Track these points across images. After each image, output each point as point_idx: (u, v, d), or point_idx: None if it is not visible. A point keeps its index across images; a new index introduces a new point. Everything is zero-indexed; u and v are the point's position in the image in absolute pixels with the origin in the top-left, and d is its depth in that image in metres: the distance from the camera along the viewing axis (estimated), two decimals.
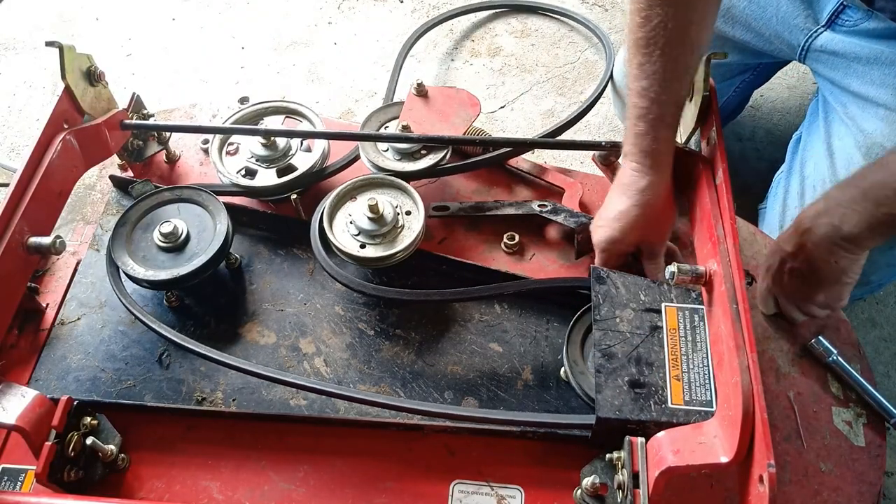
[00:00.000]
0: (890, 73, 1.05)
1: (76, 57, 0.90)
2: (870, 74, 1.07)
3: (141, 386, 0.87)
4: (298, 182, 0.98)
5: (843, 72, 1.13)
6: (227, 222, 0.92)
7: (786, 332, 0.90)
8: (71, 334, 0.91)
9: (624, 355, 0.79)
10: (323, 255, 0.90)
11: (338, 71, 1.80)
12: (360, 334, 0.92)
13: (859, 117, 1.09)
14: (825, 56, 1.15)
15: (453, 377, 0.88)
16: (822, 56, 1.15)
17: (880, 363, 1.37)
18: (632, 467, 0.71)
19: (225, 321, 0.93)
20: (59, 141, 0.86)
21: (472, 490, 0.80)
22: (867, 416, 0.85)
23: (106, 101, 0.97)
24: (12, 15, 1.99)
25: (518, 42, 1.84)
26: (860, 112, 1.10)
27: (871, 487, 0.81)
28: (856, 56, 1.10)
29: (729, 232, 0.76)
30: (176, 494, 0.80)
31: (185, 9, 1.99)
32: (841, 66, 1.13)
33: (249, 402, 0.85)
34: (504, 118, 1.71)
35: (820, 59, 1.16)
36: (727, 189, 0.80)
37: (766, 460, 0.60)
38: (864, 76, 1.09)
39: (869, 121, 1.08)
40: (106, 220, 1.01)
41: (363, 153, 1.00)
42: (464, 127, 1.02)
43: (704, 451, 0.66)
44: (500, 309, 0.94)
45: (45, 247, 0.80)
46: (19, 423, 0.72)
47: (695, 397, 0.75)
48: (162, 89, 1.80)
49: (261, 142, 1.00)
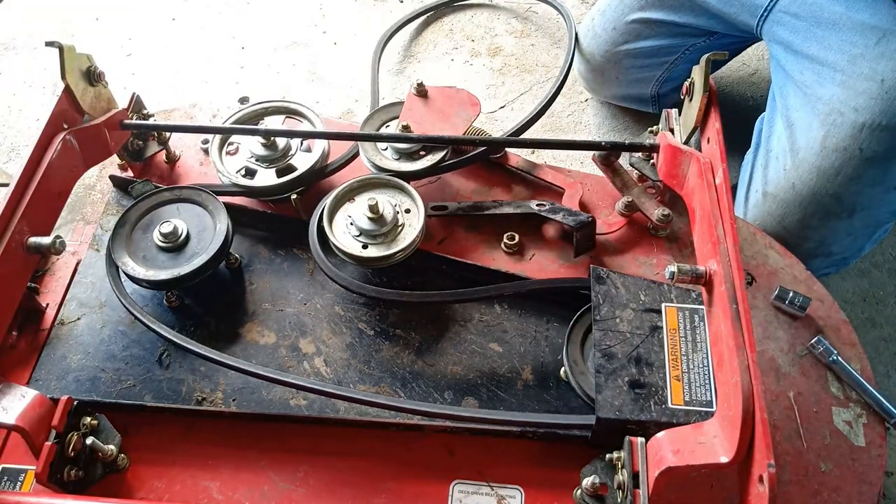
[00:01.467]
0: (846, 38, 1.07)
1: (76, 57, 0.90)
2: (828, 39, 1.09)
3: (141, 386, 0.87)
4: (299, 182, 0.98)
5: (802, 35, 1.14)
6: (227, 222, 0.92)
7: (786, 332, 0.90)
8: (71, 334, 0.91)
9: (624, 355, 0.79)
10: (322, 256, 0.90)
11: (338, 71, 1.80)
12: (360, 334, 0.92)
13: (816, 84, 1.11)
14: (787, 18, 1.17)
15: (453, 377, 0.88)
16: (783, 18, 1.17)
17: (880, 363, 1.37)
18: (632, 467, 0.71)
19: (225, 321, 0.93)
20: (59, 141, 0.86)
21: (472, 490, 0.80)
22: (867, 416, 0.85)
23: (106, 101, 0.97)
24: (12, 15, 1.99)
25: (518, 42, 1.84)
26: (816, 78, 1.11)
27: (871, 487, 0.81)
28: (816, 20, 1.12)
29: (729, 232, 0.76)
30: (176, 494, 0.80)
31: (185, 9, 1.99)
32: (801, 30, 1.15)
33: (249, 402, 0.85)
34: (504, 118, 1.71)
35: (781, 20, 1.18)
36: (727, 189, 0.80)
37: (767, 460, 0.60)
38: (822, 41, 1.10)
39: (826, 86, 1.09)
40: (106, 220, 1.01)
41: (363, 153, 1.00)
42: (464, 127, 1.02)
43: (704, 452, 0.66)
44: (500, 309, 0.94)
45: (45, 247, 0.80)
46: (19, 423, 0.72)
47: (695, 397, 0.75)
48: (162, 89, 1.80)
49: (261, 142, 1.00)
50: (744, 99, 1.74)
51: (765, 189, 1.20)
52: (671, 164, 0.90)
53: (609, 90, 1.60)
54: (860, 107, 1.05)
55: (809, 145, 1.11)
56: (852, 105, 1.06)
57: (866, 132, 1.05)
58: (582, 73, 1.62)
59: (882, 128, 1.04)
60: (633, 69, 1.49)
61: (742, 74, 1.66)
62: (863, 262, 1.48)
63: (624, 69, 1.50)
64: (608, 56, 1.49)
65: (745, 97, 1.74)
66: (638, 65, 1.48)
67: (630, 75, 1.51)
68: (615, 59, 1.49)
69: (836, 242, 1.18)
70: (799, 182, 1.13)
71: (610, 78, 1.54)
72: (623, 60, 1.48)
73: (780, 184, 1.17)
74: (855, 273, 1.47)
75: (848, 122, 1.06)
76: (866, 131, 1.05)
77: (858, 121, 1.05)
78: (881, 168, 1.07)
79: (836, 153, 1.08)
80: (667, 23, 1.39)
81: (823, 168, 1.10)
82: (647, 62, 1.46)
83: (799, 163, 1.13)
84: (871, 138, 1.05)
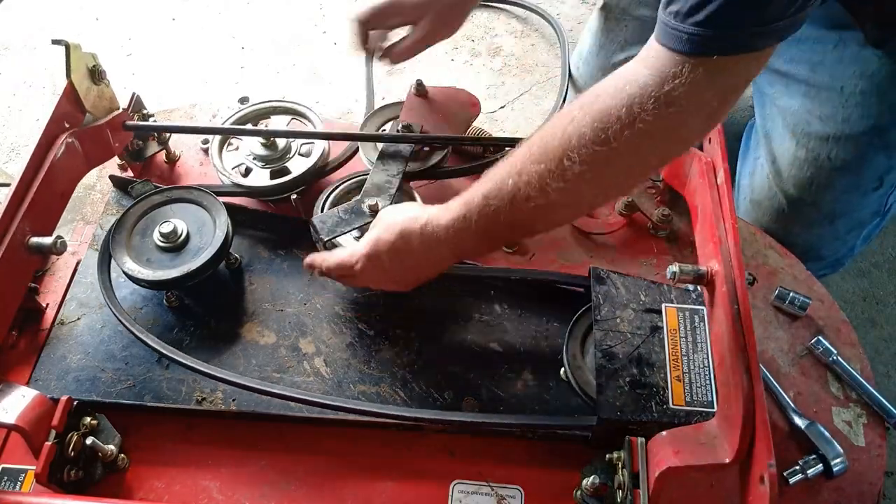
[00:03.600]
0: (805, 48, 1.06)
1: (81, 55, 0.90)
2: (789, 52, 1.08)
3: (141, 386, 0.87)
4: (297, 183, 0.98)
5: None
6: (227, 222, 0.92)
7: (786, 332, 0.90)
8: (71, 334, 0.91)
9: (625, 356, 0.79)
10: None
11: (338, 71, 1.80)
12: (360, 334, 0.92)
13: (784, 95, 1.11)
14: None
15: (453, 377, 0.88)
16: None
17: (880, 363, 1.37)
18: (632, 467, 0.71)
19: (225, 321, 0.93)
20: (62, 142, 0.86)
21: (472, 490, 0.80)
22: (867, 416, 0.85)
23: (108, 101, 0.97)
24: (12, 15, 1.99)
25: (518, 42, 1.84)
26: (784, 90, 1.11)
27: (871, 487, 0.81)
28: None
29: (730, 232, 0.76)
30: (176, 494, 0.80)
31: (185, 9, 1.99)
32: None
33: (249, 402, 0.85)
34: (504, 118, 1.71)
35: None
36: (728, 189, 0.80)
37: (768, 460, 0.60)
38: (784, 54, 1.10)
39: (793, 97, 1.09)
40: (106, 220, 1.01)
41: (363, 153, 1.00)
42: (464, 127, 1.02)
43: (705, 452, 0.66)
44: (500, 309, 0.94)
45: (46, 247, 0.80)
46: (19, 423, 0.72)
47: (696, 398, 0.75)
48: (162, 89, 1.80)
49: (261, 142, 1.00)
50: (743, 99, 1.74)
51: (751, 196, 1.20)
52: (673, 164, 0.90)
53: None
54: (825, 116, 1.04)
55: (784, 156, 1.12)
56: (817, 115, 1.05)
57: (832, 142, 1.04)
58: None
59: (846, 137, 1.03)
60: None
61: None
62: (863, 263, 1.48)
63: None
64: None
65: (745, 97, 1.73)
66: None
67: None
68: None
69: (823, 247, 1.18)
70: (780, 191, 1.14)
71: None
72: None
73: (765, 192, 1.17)
74: (855, 273, 1.47)
75: (814, 132, 1.06)
76: (832, 141, 1.04)
77: (824, 131, 1.05)
78: (852, 175, 1.07)
79: (807, 163, 1.08)
80: None
81: (798, 178, 1.10)
82: None
83: (777, 172, 1.14)
84: (836, 147, 1.05)
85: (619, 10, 1.32)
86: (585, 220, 1.00)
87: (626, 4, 1.31)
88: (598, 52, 1.39)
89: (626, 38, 1.34)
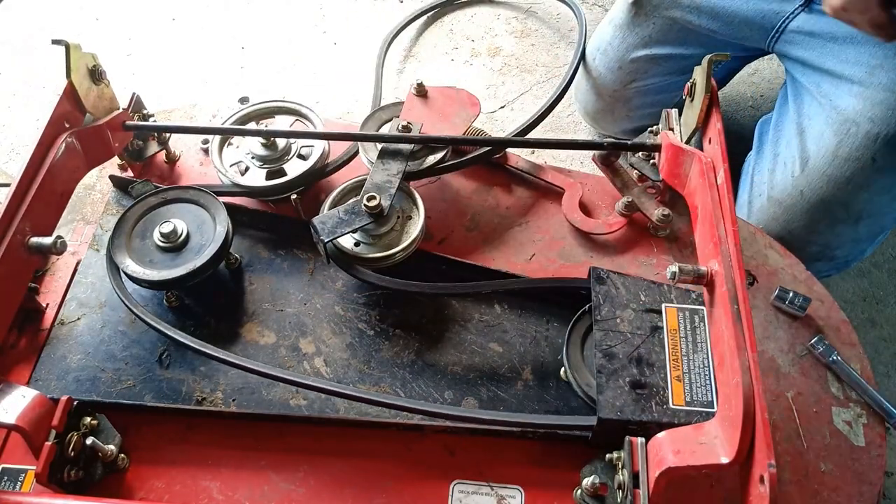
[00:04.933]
0: (864, 51, 1.08)
1: (82, 55, 0.90)
2: (845, 53, 1.10)
3: (141, 386, 0.87)
4: (299, 182, 0.98)
5: (818, 52, 1.15)
6: (227, 222, 0.92)
7: (786, 332, 0.90)
8: (71, 334, 0.91)
9: (625, 356, 0.79)
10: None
11: (338, 71, 1.80)
12: (360, 334, 0.92)
13: (833, 94, 1.12)
14: (801, 37, 1.17)
15: (453, 377, 0.88)
16: (797, 37, 1.18)
17: (880, 363, 1.37)
18: (632, 467, 0.71)
19: (225, 321, 0.93)
20: (63, 142, 0.86)
21: (472, 490, 0.80)
22: (867, 416, 0.85)
23: (108, 101, 0.97)
24: (12, 15, 1.99)
25: (518, 42, 1.84)
26: (834, 90, 1.12)
27: (871, 487, 0.81)
28: (832, 36, 1.12)
29: (730, 232, 0.76)
30: (176, 494, 0.80)
31: (185, 9, 1.99)
32: (816, 47, 1.15)
33: (249, 402, 0.85)
34: (504, 118, 1.71)
35: (794, 40, 1.18)
36: (728, 189, 0.80)
37: (767, 460, 0.60)
38: (839, 55, 1.11)
39: (842, 98, 1.10)
40: (106, 220, 1.01)
41: (363, 153, 1.00)
42: (464, 127, 1.02)
43: (705, 452, 0.66)
44: (500, 309, 0.94)
45: (46, 247, 0.80)
46: (19, 423, 0.72)
47: (696, 398, 0.75)
48: (162, 89, 1.80)
49: (261, 142, 1.00)
50: (744, 99, 1.74)
51: (770, 193, 1.20)
52: (673, 164, 0.90)
53: (619, 126, 1.55)
54: (876, 117, 1.06)
55: (820, 153, 1.12)
56: (868, 115, 1.07)
57: (881, 143, 1.06)
58: (588, 112, 1.57)
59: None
60: (643, 105, 1.46)
61: (742, 74, 1.66)
62: (863, 262, 1.48)
63: (634, 107, 1.47)
64: (616, 95, 1.46)
65: (745, 97, 1.74)
66: (649, 101, 1.45)
67: (641, 111, 1.48)
68: (624, 98, 1.46)
69: (839, 247, 1.19)
70: (808, 189, 1.14)
71: (620, 115, 1.51)
72: (633, 99, 1.45)
73: (787, 189, 1.17)
74: (855, 273, 1.47)
75: (862, 132, 1.07)
76: (881, 142, 1.06)
77: (873, 131, 1.06)
78: (892, 177, 1.09)
79: (848, 162, 1.09)
80: (675, 56, 1.36)
81: (834, 176, 1.11)
82: (657, 98, 1.43)
83: (809, 170, 1.14)
84: (884, 149, 1.06)
85: (651, 6, 1.33)
86: (585, 220, 1.00)
87: (659, 2, 1.31)
88: (619, 46, 1.40)
89: (650, 35, 1.35)
